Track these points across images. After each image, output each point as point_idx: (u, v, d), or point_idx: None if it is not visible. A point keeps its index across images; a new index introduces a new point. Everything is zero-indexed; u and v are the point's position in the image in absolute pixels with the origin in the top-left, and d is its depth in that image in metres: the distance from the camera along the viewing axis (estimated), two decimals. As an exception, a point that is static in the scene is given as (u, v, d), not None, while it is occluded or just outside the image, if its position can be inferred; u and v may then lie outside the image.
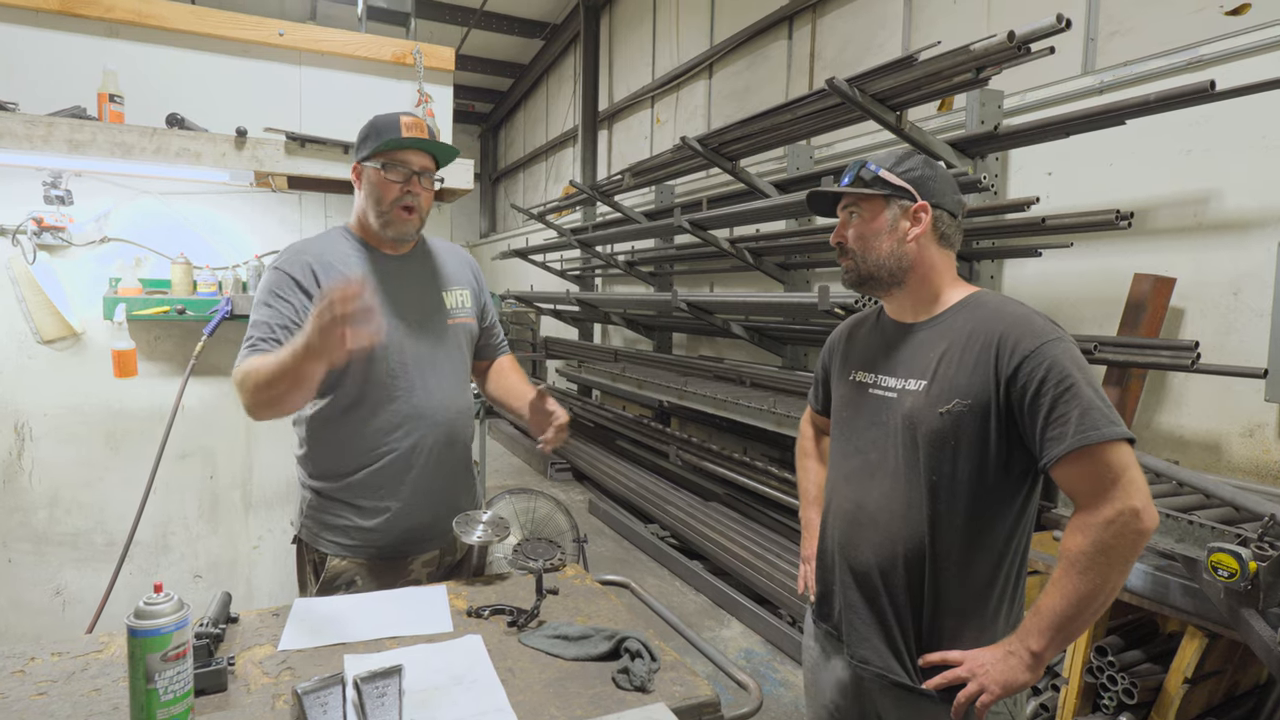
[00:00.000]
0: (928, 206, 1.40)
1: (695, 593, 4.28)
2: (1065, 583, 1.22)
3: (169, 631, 1.08)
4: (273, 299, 1.64)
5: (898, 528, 1.36)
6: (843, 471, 1.50)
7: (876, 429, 1.43)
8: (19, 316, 2.51)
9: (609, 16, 9.82)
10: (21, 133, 2.18)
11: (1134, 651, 2.32)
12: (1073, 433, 1.20)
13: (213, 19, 2.60)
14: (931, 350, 1.38)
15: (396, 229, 1.71)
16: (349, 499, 1.72)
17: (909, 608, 1.37)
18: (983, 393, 1.29)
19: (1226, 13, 3.20)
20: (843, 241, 1.47)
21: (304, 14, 10.42)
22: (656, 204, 6.91)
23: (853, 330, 1.62)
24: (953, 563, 1.33)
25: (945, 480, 1.32)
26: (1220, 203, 3.07)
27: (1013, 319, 1.31)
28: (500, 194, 15.95)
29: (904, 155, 1.44)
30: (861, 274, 1.44)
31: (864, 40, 5.42)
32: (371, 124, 1.71)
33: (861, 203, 1.43)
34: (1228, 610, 1.92)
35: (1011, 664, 1.25)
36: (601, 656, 1.39)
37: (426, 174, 1.71)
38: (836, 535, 1.49)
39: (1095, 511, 1.20)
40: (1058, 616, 1.22)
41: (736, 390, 4.73)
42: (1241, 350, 2.97)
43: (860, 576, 1.42)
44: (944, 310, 1.42)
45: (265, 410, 1.52)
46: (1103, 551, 1.19)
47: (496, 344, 2.03)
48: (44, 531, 2.61)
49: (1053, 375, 1.23)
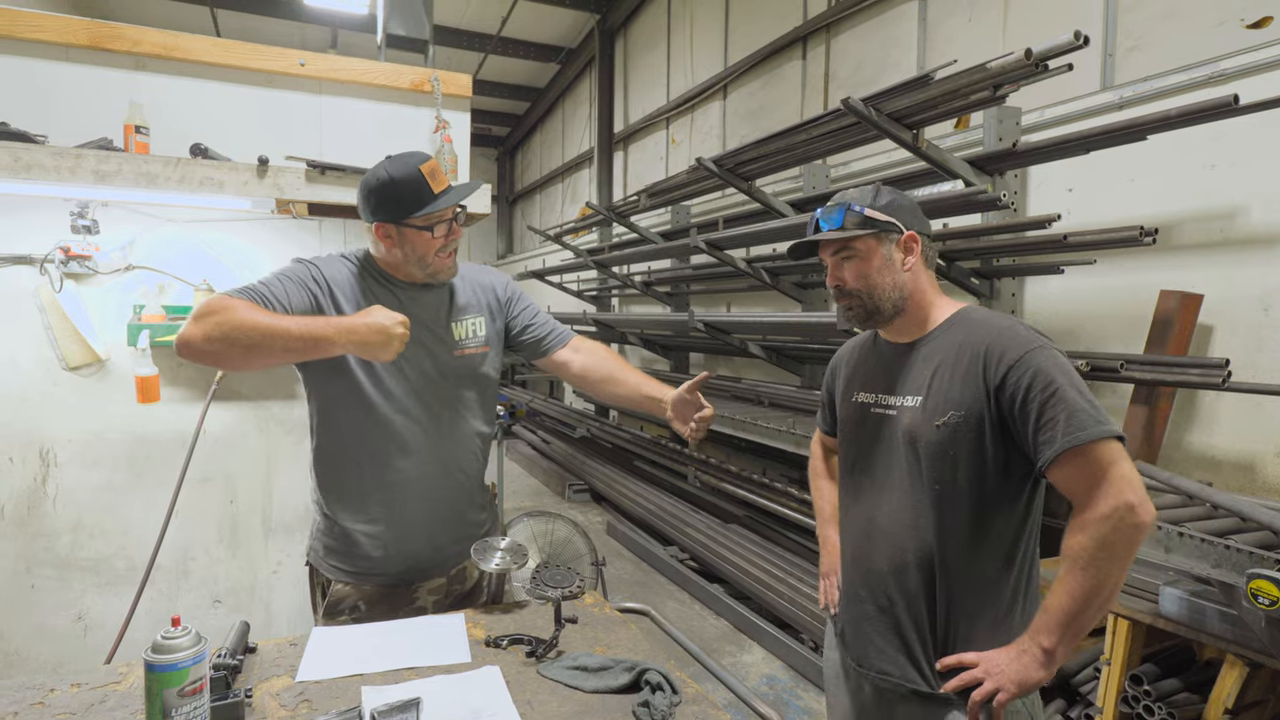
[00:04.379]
0: (916, 235, 1.47)
1: (716, 617, 4.22)
2: (1069, 580, 1.25)
3: (186, 666, 1.08)
4: (284, 275, 1.65)
5: (907, 538, 1.42)
6: (852, 490, 1.56)
7: (880, 446, 1.49)
8: (45, 344, 2.55)
9: (624, 40, 9.93)
10: (50, 164, 2.22)
11: (1171, 680, 2.25)
12: (1061, 435, 1.24)
13: (236, 51, 2.65)
14: (925, 367, 1.44)
15: (445, 274, 1.74)
16: (350, 526, 1.72)
17: (925, 616, 1.41)
18: (975, 403, 1.34)
19: (1248, 26, 3.17)
20: (841, 284, 1.49)
21: (325, 43, 10.68)
22: (673, 224, 6.93)
23: (851, 353, 1.68)
24: (962, 567, 1.38)
25: (948, 489, 1.37)
26: (1247, 218, 3.01)
27: (998, 331, 1.37)
28: (517, 215, 16.10)
29: (875, 190, 1.49)
30: (868, 310, 1.48)
31: (878, 59, 5.43)
32: (391, 184, 1.61)
33: (854, 244, 1.47)
34: (1269, 639, 1.85)
35: (1025, 662, 1.28)
36: (622, 689, 1.37)
37: (458, 216, 1.72)
38: (849, 551, 1.55)
39: (1091, 509, 1.24)
40: (1064, 614, 1.25)
41: (755, 410, 4.69)
42: (1273, 367, 2.90)
43: (874, 590, 1.47)
44: (934, 328, 1.48)
45: (214, 344, 1.43)
46: (1102, 547, 1.22)
47: (552, 334, 1.95)
48: (67, 557, 2.63)
49: (1038, 381, 1.28)
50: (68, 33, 2.42)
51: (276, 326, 1.46)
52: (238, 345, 1.43)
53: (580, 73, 11.44)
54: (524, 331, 1.93)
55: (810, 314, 4.91)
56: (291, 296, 1.61)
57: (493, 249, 16.75)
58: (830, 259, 1.51)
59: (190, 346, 1.44)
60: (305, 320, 1.50)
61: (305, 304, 1.62)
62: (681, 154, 8.32)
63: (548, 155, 13.63)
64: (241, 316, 1.44)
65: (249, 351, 1.44)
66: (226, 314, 1.44)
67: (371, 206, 1.66)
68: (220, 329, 1.42)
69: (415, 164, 1.63)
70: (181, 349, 1.45)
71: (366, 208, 1.68)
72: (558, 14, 10.05)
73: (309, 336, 1.47)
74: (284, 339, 1.44)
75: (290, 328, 1.46)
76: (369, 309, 1.53)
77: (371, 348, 1.49)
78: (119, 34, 2.49)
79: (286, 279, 1.64)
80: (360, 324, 1.49)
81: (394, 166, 1.63)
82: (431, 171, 1.63)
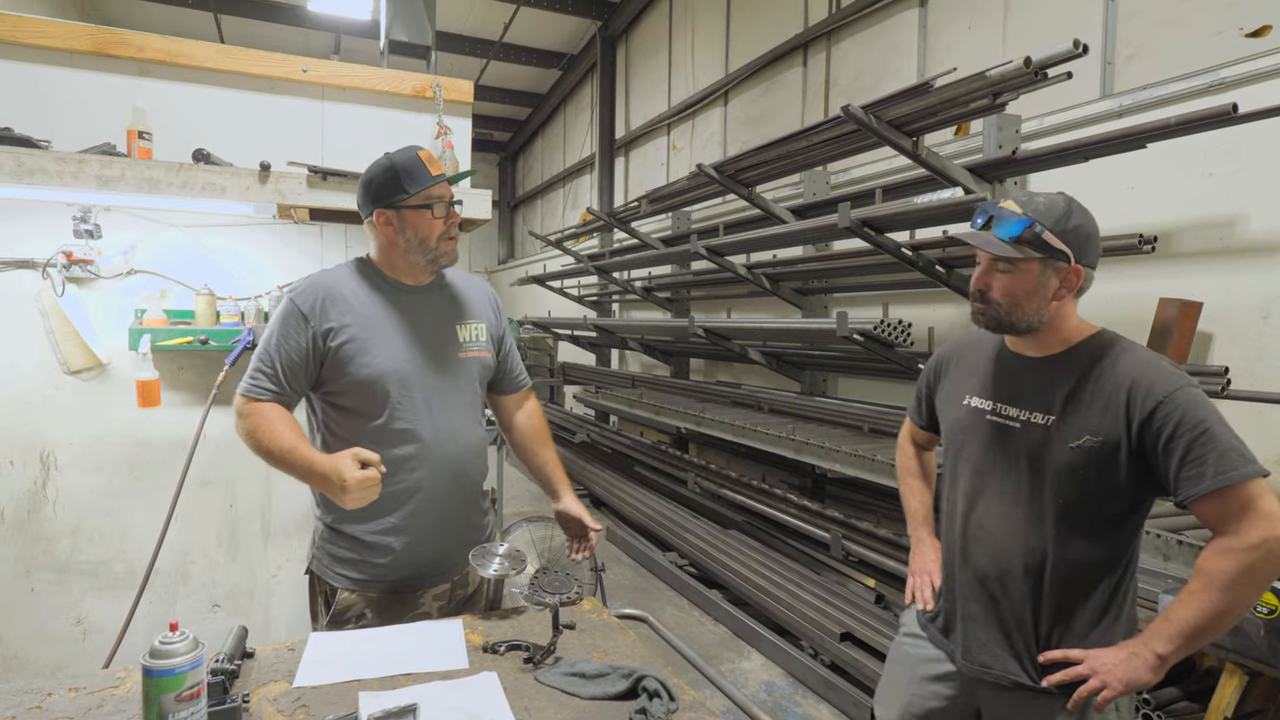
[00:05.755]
0: (1080, 271, 1.42)
1: (715, 623, 4.21)
2: (1203, 597, 1.30)
3: (183, 671, 1.08)
4: (279, 330, 1.69)
5: (1018, 544, 1.46)
6: (962, 491, 1.58)
7: (999, 456, 1.50)
8: (47, 348, 2.56)
9: (625, 46, 9.97)
10: (53, 169, 2.23)
11: (1170, 689, 2.24)
12: (1211, 474, 1.28)
13: (240, 57, 2.66)
14: (1057, 386, 1.45)
15: (448, 258, 1.77)
16: (358, 533, 1.72)
17: (1029, 616, 1.46)
18: (1113, 432, 1.37)
19: (1247, 35, 3.18)
20: (985, 290, 1.47)
21: (328, 49, 10.72)
22: (673, 230, 6.94)
23: (964, 352, 1.66)
24: (1071, 574, 1.42)
25: (1071, 506, 1.41)
26: (1246, 226, 3.02)
27: (1144, 364, 1.38)
28: (518, 221, 16.13)
29: (1065, 210, 1.41)
30: (1001, 323, 1.47)
31: (879, 67, 5.45)
32: (391, 168, 1.69)
33: (1017, 260, 1.41)
34: (1268, 647, 1.85)
35: (1135, 664, 1.33)
36: (619, 695, 1.37)
37: (456, 202, 1.76)
38: (956, 552, 1.58)
39: (1239, 537, 1.28)
40: (1189, 626, 1.30)
41: (754, 416, 4.70)
42: (1273, 375, 2.90)
43: (979, 589, 1.52)
44: (1067, 348, 1.47)
45: (253, 452, 1.66)
46: (1245, 573, 1.27)
47: (515, 377, 2.01)
48: (66, 561, 2.63)
49: (1188, 419, 1.31)
50: (71, 39, 2.44)
51: (275, 455, 1.62)
52: (267, 459, 1.64)
53: (582, 79, 11.48)
54: (504, 356, 1.97)
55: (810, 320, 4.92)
56: (291, 352, 1.67)
57: (494, 254, 16.77)
58: (986, 261, 1.47)
59: (238, 434, 1.68)
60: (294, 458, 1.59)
61: (303, 347, 1.67)
62: (682, 160, 8.34)
63: (549, 161, 13.67)
64: (262, 438, 1.62)
65: (280, 470, 1.64)
66: (255, 432, 1.64)
67: (372, 194, 1.71)
68: (251, 444, 1.65)
69: (413, 150, 1.71)
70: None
71: (367, 197, 1.72)
72: (560, 20, 10.10)
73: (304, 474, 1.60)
74: (293, 471, 1.61)
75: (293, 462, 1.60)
76: (336, 457, 1.55)
77: (340, 498, 1.54)
78: (123, 40, 2.50)
79: (284, 332, 1.68)
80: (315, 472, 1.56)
81: (393, 153, 1.72)
82: (429, 157, 1.71)
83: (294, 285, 1.76)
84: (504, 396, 2.01)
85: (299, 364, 1.67)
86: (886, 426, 3.81)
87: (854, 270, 4.67)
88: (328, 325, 1.67)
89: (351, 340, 1.67)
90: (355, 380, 1.67)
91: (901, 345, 3.77)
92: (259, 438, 1.62)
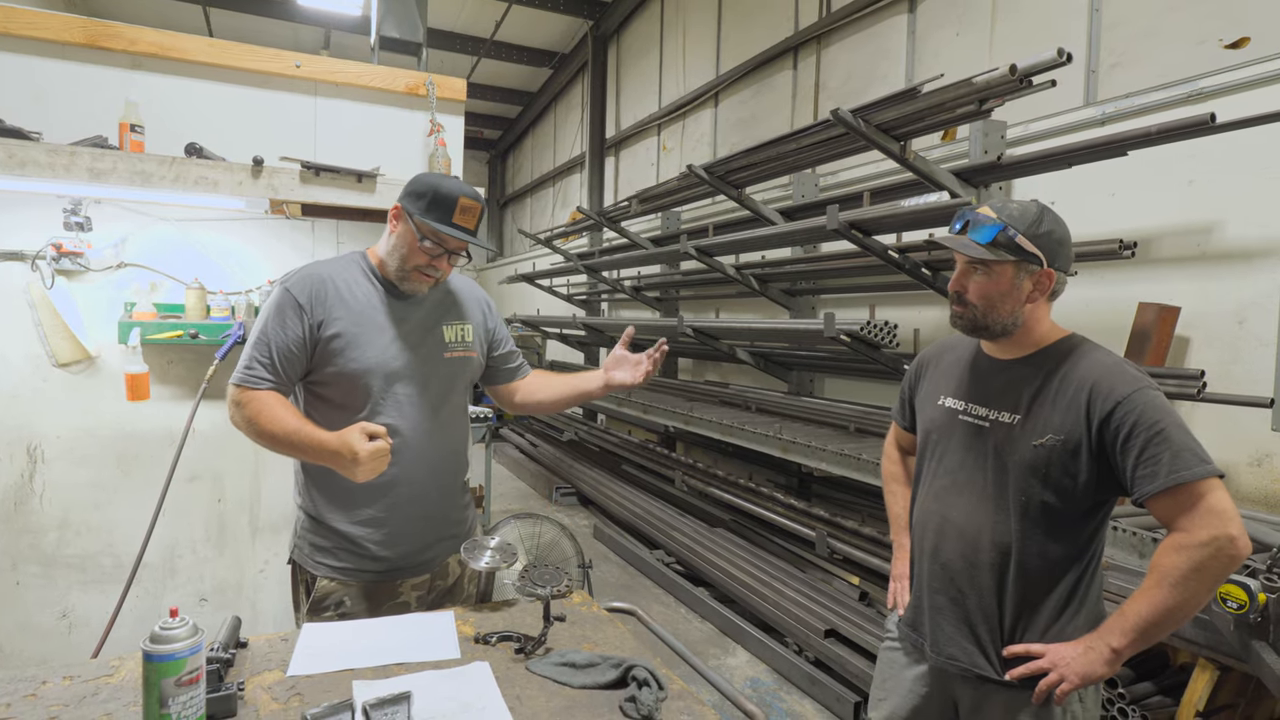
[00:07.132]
0: (1053, 274, 1.48)
1: (701, 620, 4.24)
2: (1156, 593, 1.34)
3: (184, 656, 1.09)
4: (275, 319, 1.70)
5: (984, 539, 1.51)
6: (932, 489, 1.63)
7: (967, 454, 1.56)
8: (35, 340, 2.55)
9: (617, 46, 9.99)
10: (44, 161, 2.23)
11: (1145, 684, 2.30)
12: (1165, 472, 1.32)
13: (233, 51, 2.66)
14: (1025, 387, 1.50)
15: (409, 285, 1.77)
16: (338, 524, 1.75)
17: (994, 609, 1.50)
18: (1074, 431, 1.42)
19: (1226, 46, 3.25)
20: (962, 292, 1.52)
21: (317, 44, 10.66)
22: (663, 230, 6.97)
23: (943, 354, 1.72)
24: (1034, 569, 1.47)
25: (1034, 502, 1.46)
26: (1223, 233, 3.09)
27: (1106, 367, 1.43)
28: (508, 219, 16.10)
29: (1038, 216, 1.47)
30: (976, 325, 1.53)
31: (867, 71, 5.50)
32: (434, 186, 1.70)
33: (991, 262, 1.47)
34: (1238, 643, 1.91)
35: (1091, 658, 1.38)
36: (609, 685, 1.40)
37: (457, 255, 1.76)
38: (926, 546, 1.62)
39: (1190, 534, 1.32)
40: (1143, 621, 1.35)
41: (742, 415, 4.73)
42: (1248, 379, 2.97)
43: (947, 582, 1.57)
44: (1036, 351, 1.53)
45: (253, 439, 1.67)
46: (1197, 570, 1.31)
47: (516, 367, 2.06)
48: (53, 554, 2.62)
49: (1144, 420, 1.35)
50: (64, 31, 2.43)
51: (280, 439, 1.63)
52: (270, 443, 1.66)
53: (573, 78, 11.48)
54: (501, 354, 2.01)
55: (798, 321, 4.96)
56: (288, 340, 1.68)
57: (482, 252, 16.72)
58: (962, 264, 1.53)
59: (234, 424, 1.69)
60: (301, 438, 1.60)
61: (300, 337, 1.69)
62: (673, 160, 8.37)
63: (539, 159, 13.66)
64: (263, 424, 1.63)
65: (284, 452, 1.67)
66: (256, 419, 1.64)
67: (408, 189, 1.75)
68: (251, 431, 1.66)
69: (462, 190, 1.71)
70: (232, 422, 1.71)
71: (405, 190, 1.76)
72: (551, 19, 10.10)
73: (311, 453, 1.61)
74: (299, 451, 1.63)
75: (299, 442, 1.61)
76: (343, 432, 1.56)
77: (350, 473, 1.55)
78: (115, 33, 2.50)
79: (279, 320, 1.69)
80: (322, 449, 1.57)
81: (446, 179, 1.75)
82: (467, 206, 1.70)
83: (288, 275, 1.77)
84: (511, 384, 2.06)
85: (295, 354, 1.69)
86: (872, 426, 3.86)
87: (841, 272, 4.72)
88: (321, 317, 1.70)
89: (342, 334, 1.70)
90: (341, 373, 1.70)
91: (888, 346, 3.82)
92: (261, 423, 1.62)
